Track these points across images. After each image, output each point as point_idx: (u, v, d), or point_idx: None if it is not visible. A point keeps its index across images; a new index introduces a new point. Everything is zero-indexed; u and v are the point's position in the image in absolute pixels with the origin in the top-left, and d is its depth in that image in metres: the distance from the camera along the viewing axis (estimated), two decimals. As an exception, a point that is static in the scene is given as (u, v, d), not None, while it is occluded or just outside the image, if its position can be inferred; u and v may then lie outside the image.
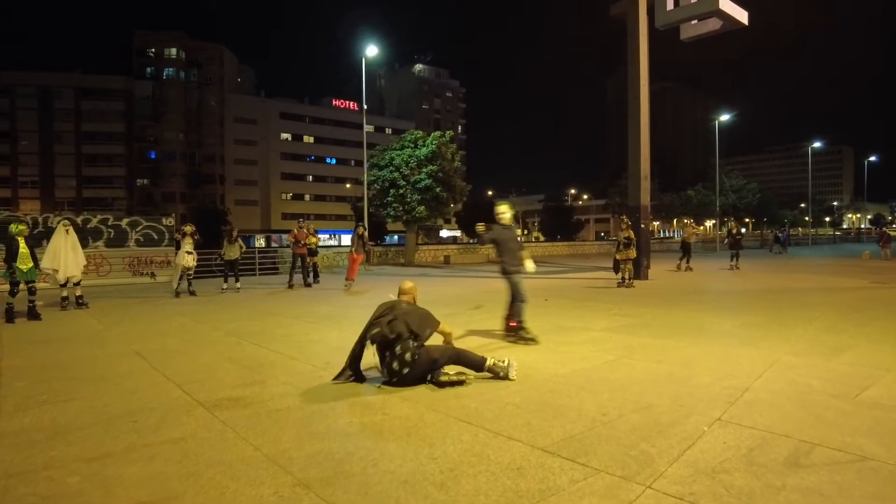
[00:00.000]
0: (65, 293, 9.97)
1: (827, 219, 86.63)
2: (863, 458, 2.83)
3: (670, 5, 15.38)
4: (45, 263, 9.58)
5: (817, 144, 64.99)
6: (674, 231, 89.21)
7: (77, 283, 10.13)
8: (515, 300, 6.20)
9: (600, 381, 4.45)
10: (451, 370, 4.53)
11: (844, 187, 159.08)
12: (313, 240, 14.75)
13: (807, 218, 66.28)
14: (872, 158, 73.01)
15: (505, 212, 6.45)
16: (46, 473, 2.84)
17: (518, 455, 2.97)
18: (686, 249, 18.62)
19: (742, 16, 15.30)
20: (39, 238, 13.82)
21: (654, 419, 3.51)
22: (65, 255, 9.73)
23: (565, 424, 3.44)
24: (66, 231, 9.88)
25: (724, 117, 43.32)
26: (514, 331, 6.20)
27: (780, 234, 35.07)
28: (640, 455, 2.93)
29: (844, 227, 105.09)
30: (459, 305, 9.83)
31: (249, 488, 2.63)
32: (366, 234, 14.24)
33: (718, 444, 3.06)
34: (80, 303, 10.14)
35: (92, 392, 4.47)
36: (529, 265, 6.45)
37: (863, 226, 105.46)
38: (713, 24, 15.65)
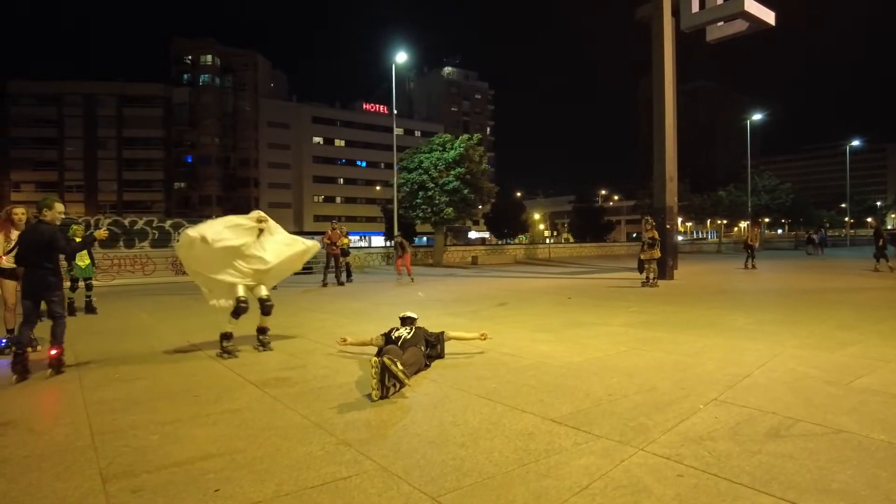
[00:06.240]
0: (265, 323, 6.31)
1: (868, 219, 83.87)
2: (837, 432, 3.16)
3: (696, 7, 15.48)
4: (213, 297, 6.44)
5: (856, 143, 63.17)
6: (707, 232, 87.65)
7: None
8: None
9: (610, 369, 4.83)
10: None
11: (889, 186, 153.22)
12: (345, 241, 15.45)
13: (847, 218, 64.35)
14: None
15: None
16: (132, 432, 3.40)
17: (530, 424, 3.40)
18: (750, 250, 19.86)
19: (769, 16, 15.29)
20: (90, 239, 14.84)
21: (655, 399, 3.89)
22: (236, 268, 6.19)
23: (574, 402, 3.85)
24: (260, 230, 6.14)
25: (757, 116, 42.70)
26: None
27: (815, 236, 34.53)
28: (637, 426, 3.33)
29: (889, 227, 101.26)
30: (484, 302, 10.27)
31: (300, 446, 3.12)
32: (404, 241, 18.09)
33: (710, 419, 3.43)
34: (262, 344, 6.26)
35: (155, 373, 5.07)
36: None
37: None
38: (739, 26, 15.69)
